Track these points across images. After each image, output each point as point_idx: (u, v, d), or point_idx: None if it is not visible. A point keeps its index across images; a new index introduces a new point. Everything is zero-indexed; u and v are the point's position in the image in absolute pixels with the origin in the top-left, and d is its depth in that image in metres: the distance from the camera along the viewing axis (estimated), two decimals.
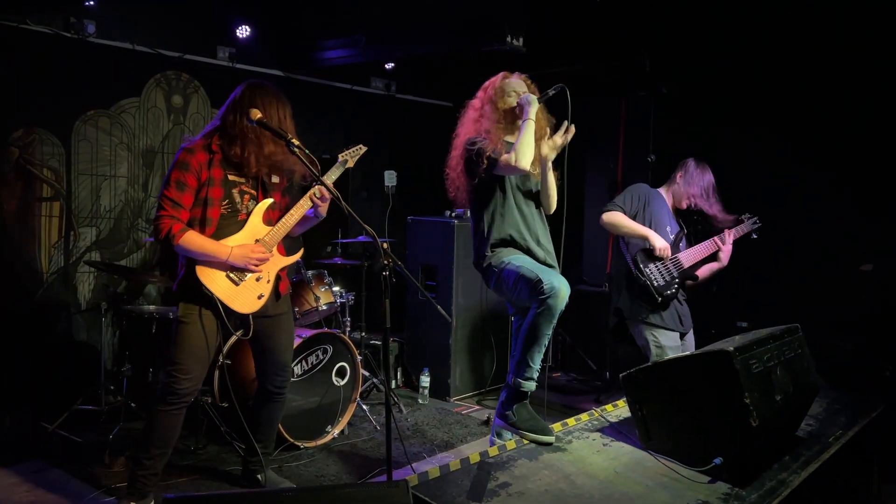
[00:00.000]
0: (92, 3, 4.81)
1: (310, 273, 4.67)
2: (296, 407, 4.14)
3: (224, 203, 3.16)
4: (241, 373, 4.16)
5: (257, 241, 3.19)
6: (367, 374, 4.98)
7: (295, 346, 4.05)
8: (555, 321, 3.06)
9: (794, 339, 3.03)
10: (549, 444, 2.92)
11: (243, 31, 5.57)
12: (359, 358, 4.50)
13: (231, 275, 3.13)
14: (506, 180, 3.29)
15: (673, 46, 5.48)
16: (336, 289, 4.80)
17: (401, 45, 5.39)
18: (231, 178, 3.18)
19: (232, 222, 3.18)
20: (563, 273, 3.22)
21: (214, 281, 3.09)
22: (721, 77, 5.58)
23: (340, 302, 4.82)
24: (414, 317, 5.66)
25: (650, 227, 4.08)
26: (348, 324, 4.97)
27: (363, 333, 5.31)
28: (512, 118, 3.30)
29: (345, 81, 6.61)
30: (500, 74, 3.40)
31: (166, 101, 5.44)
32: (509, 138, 3.28)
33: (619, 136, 6.16)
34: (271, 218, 3.28)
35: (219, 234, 3.13)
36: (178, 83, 5.51)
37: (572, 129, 3.26)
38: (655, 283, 4.01)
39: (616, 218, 4.09)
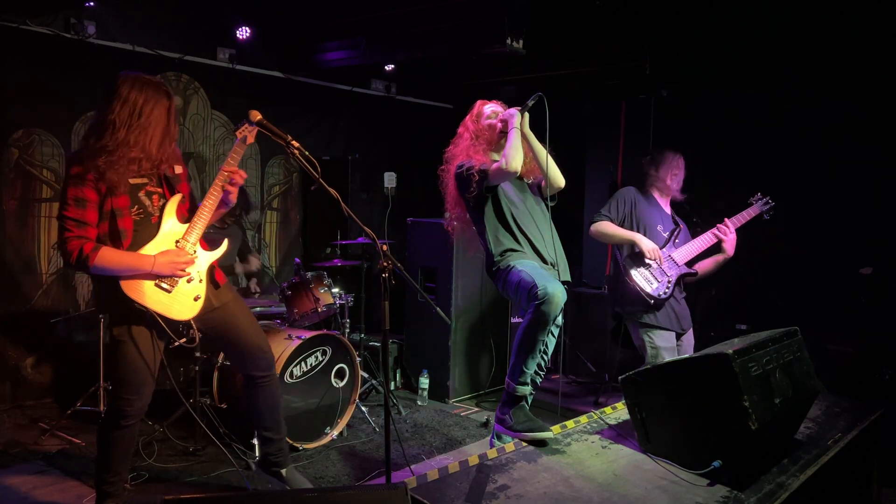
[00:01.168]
0: (92, 4, 4.81)
1: (309, 274, 4.67)
2: (295, 408, 4.13)
3: (134, 210, 2.89)
4: (240, 374, 4.15)
5: (177, 242, 2.96)
6: (366, 375, 4.98)
7: (294, 347, 4.06)
8: (549, 327, 3.06)
9: (793, 342, 3.03)
10: (547, 440, 2.92)
11: (243, 33, 5.58)
12: (358, 359, 4.50)
13: (161, 283, 2.90)
14: (500, 193, 3.36)
15: (673, 50, 5.48)
16: (335, 290, 4.80)
17: (401, 46, 5.40)
18: (133, 181, 2.89)
19: (146, 227, 2.92)
20: None
21: (144, 294, 2.86)
22: (721, 81, 5.58)
23: (340, 303, 4.81)
24: (413, 318, 5.66)
25: (639, 230, 4.09)
26: (347, 325, 4.97)
27: (362, 335, 5.31)
28: (497, 137, 3.44)
29: (345, 83, 6.62)
30: (478, 102, 3.57)
31: None
32: (496, 156, 3.39)
33: (619, 139, 6.17)
34: (184, 214, 3.06)
35: (135, 244, 2.88)
36: (178, 84, 5.51)
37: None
38: (646, 288, 4.02)
39: (602, 227, 4.13)
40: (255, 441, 3.95)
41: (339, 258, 5.49)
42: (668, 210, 4.25)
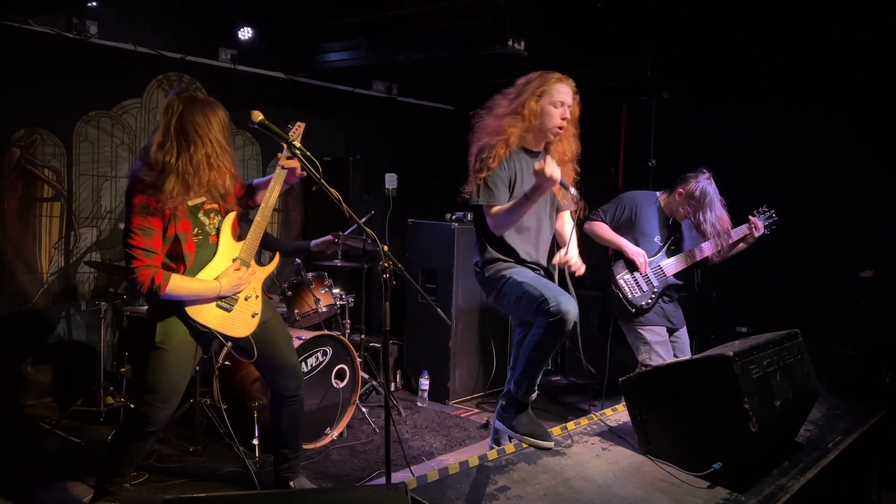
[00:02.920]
0: (94, 3, 4.82)
1: (310, 275, 4.67)
2: None
3: (195, 232, 3.00)
4: (240, 375, 4.16)
5: (234, 259, 3.06)
6: (366, 376, 4.98)
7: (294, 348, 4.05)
8: (561, 341, 2.96)
9: (793, 345, 3.03)
10: (549, 448, 2.92)
11: (245, 33, 5.58)
12: (358, 360, 4.50)
13: (221, 303, 3.02)
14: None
15: (675, 52, 5.49)
16: (336, 291, 4.80)
17: (402, 47, 5.40)
18: (192, 203, 2.98)
19: (205, 247, 3.03)
20: (563, 276, 3.20)
21: (207, 315, 2.97)
22: (723, 83, 5.59)
23: (340, 304, 4.82)
24: (414, 319, 5.66)
25: (636, 236, 4.10)
26: (348, 326, 4.97)
27: (363, 336, 5.31)
28: (540, 129, 3.06)
29: (346, 84, 6.62)
30: (553, 75, 3.09)
31: None
32: (527, 144, 3.10)
33: (620, 142, 6.16)
34: (237, 229, 3.17)
35: (195, 266, 2.99)
36: (179, 84, 5.51)
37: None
38: (629, 295, 4.06)
39: (595, 228, 4.15)
40: (256, 441, 3.96)
41: (339, 259, 5.48)
42: (670, 220, 4.22)
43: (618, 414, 3.39)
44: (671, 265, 4.12)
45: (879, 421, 3.48)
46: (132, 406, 3.06)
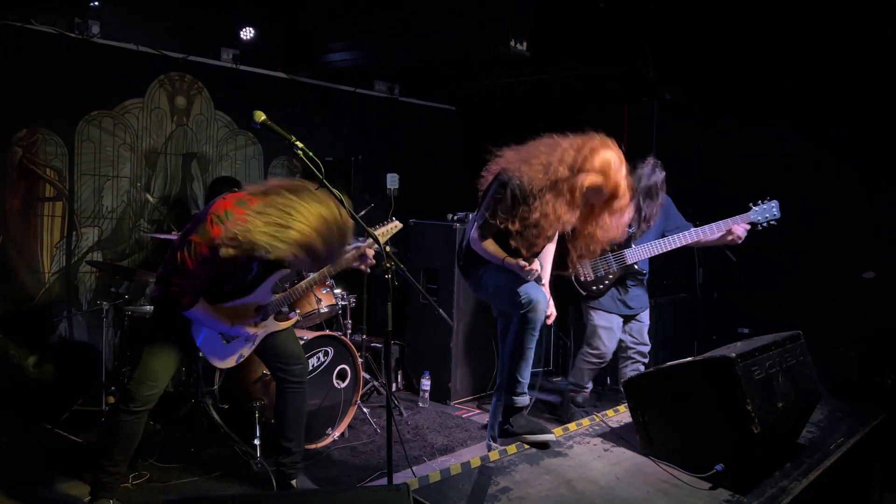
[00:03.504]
0: (97, 3, 4.82)
1: (311, 275, 4.67)
2: None
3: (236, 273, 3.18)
4: (242, 375, 4.16)
5: (257, 307, 3.28)
6: (367, 376, 4.98)
7: None
8: (536, 334, 3.07)
9: (795, 346, 3.03)
10: (551, 442, 2.92)
11: (247, 33, 5.58)
12: (360, 360, 4.49)
13: (224, 336, 3.27)
14: None
15: (677, 53, 5.49)
16: (337, 291, 4.80)
17: (404, 48, 5.40)
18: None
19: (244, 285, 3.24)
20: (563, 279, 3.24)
21: (199, 332, 3.20)
22: (724, 84, 5.58)
23: (342, 304, 4.81)
24: (415, 320, 5.66)
25: None
26: (349, 326, 4.97)
27: (364, 336, 5.30)
28: (580, 203, 2.98)
29: (348, 84, 6.62)
30: (619, 160, 3.04)
31: (170, 103, 5.45)
32: (559, 206, 2.96)
33: (622, 143, 6.14)
34: (280, 283, 3.41)
35: (231, 294, 3.22)
36: (181, 84, 5.52)
37: None
38: (581, 278, 4.23)
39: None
40: (257, 442, 3.96)
41: None
42: (642, 209, 4.25)
43: (619, 415, 3.39)
44: (634, 253, 4.20)
45: (881, 423, 3.49)
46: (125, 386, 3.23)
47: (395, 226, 3.51)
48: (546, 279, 3.39)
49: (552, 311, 3.28)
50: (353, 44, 5.63)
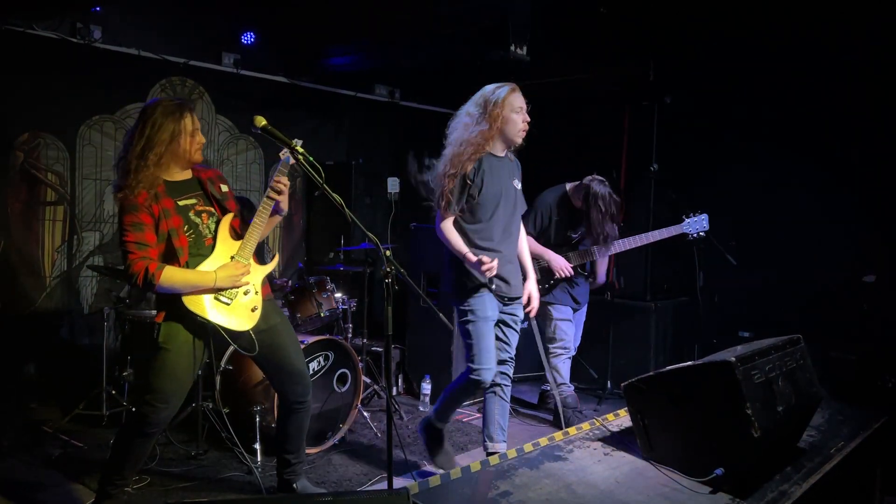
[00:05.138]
0: (98, 8, 4.83)
1: (312, 279, 4.67)
2: None
3: (186, 230, 3.03)
4: (242, 379, 4.16)
5: (232, 257, 3.08)
6: (368, 380, 4.98)
7: None
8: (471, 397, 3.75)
9: (796, 350, 3.03)
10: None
11: (248, 38, 5.60)
12: (360, 364, 4.49)
13: (220, 297, 3.03)
14: (479, 191, 3.53)
15: (677, 57, 5.50)
16: (338, 295, 4.80)
17: (405, 52, 5.41)
18: (181, 202, 3.04)
19: (200, 247, 3.06)
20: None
21: (206, 308, 2.99)
22: (724, 87, 5.59)
23: (342, 308, 4.82)
24: (416, 324, 5.65)
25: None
26: (350, 330, 4.97)
27: (365, 340, 5.30)
28: (504, 137, 3.54)
29: (349, 88, 6.64)
30: (511, 89, 3.54)
31: None
32: (498, 147, 3.60)
33: (623, 146, 6.17)
34: (236, 231, 3.18)
35: (191, 263, 3.02)
36: (182, 89, 5.53)
37: None
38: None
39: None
40: (258, 446, 3.96)
41: (342, 263, 5.49)
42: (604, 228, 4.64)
43: (620, 419, 3.38)
44: (573, 257, 4.68)
45: (882, 426, 3.48)
46: (133, 408, 3.08)
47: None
48: (530, 272, 3.78)
49: (535, 304, 3.68)
50: (353, 48, 5.64)
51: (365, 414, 4.69)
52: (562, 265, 4.59)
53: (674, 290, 5.86)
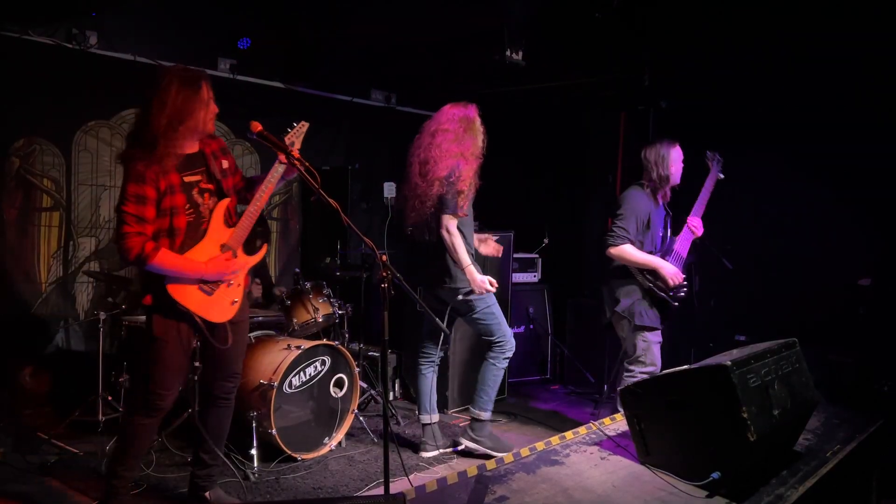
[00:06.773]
0: (94, 14, 4.84)
1: (308, 284, 4.67)
2: (293, 418, 4.13)
3: (187, 209, 3.00)
4: (240, 384, 4.14)
5: (222, 245, 3.07)
6: (365, 385, 4.97)
7: (293, 357, 4.05)
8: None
9: (791, 354, 3.04)
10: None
11: (244, 43, 5.60)
12: (357, 369, 4.49)
13: (203, 287, 3.03)
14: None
15: (672, 62, 5.51)
16: (334, 300, 4.80)
17: (401, 57, 5.42)
18: (187, 179, 3.01)
19: (196, 229, 3.04)
20: (563, 282, 3.27)
21: (187, 296, 2.98)
22: (720, 92, 5.60)
23: (339, 313, 4.81)
24: (412, 329, 5.64)
25: (648, 232, 4.17)
26: (347, 335, 4.96)
27: (361, 345, 5.30)
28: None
29: (345, 93, 6.64)
30: (474, 108, 4.27)
31: None
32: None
33: (619, 150, 6.18)
34: (232, 217, 3.16)
35: (184, 245, 3.00)
36: None
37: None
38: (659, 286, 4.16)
39: (624, 253, 4.13)
40: (254, 452, 3.95)
41: (338, 268, 5.49)
42: (661, 202, 4.33)
43: (616, 423, 3.39)
44: (681, 245, 4.23)
45: (878, 430, 3.48)
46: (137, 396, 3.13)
47: (302, 125, 3.34)
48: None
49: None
50: (350, 53, 5.65)
51: (362, 419, 4.69)
52: (672, 272, 4.10)
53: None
